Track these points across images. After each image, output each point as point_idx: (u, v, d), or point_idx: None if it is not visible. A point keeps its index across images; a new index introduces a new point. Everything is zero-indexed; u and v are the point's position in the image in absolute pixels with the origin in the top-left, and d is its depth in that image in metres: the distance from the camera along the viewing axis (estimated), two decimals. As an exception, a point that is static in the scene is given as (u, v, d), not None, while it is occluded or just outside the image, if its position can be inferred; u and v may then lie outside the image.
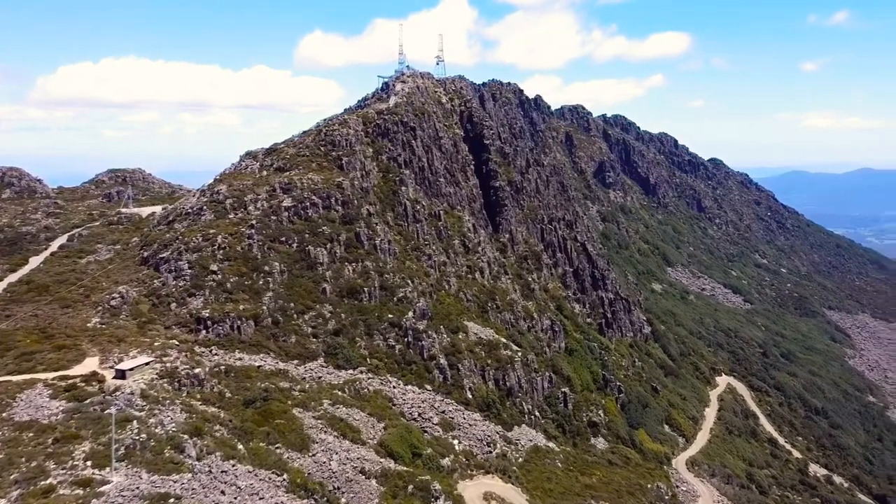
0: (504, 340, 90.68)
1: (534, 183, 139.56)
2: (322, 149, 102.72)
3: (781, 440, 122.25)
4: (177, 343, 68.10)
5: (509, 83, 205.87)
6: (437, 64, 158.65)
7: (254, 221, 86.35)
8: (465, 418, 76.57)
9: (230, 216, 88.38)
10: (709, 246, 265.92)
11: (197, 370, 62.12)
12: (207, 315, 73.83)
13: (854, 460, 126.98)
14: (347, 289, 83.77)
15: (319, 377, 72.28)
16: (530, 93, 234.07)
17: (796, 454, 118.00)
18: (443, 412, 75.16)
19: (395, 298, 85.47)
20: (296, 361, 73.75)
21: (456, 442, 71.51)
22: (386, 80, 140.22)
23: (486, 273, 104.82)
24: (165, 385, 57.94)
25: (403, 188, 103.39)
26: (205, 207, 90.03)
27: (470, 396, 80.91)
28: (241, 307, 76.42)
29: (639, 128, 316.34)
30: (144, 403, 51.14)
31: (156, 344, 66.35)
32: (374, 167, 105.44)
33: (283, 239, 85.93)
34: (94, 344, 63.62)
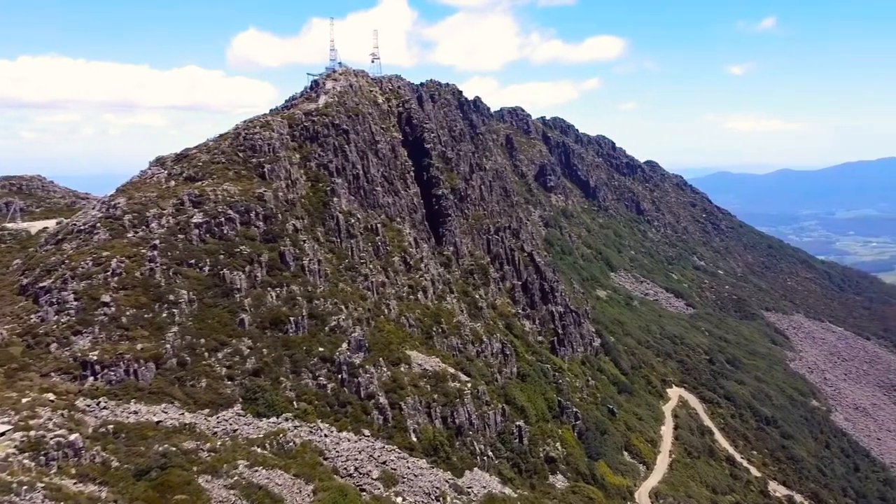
0: (451, 370, 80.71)
1: (478, 190, 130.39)
2: (240, 155, 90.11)
3: (738, 457, 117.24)
4: (52, 398, 54.96)
5: (448, 84, 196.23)
6: (373, 62, 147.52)
7: (157, 241, 73.36)
8: (409, 467, 66.06)
9: (129, 235, 74.99)
10: (649, 249, 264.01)
11: (73, 436, 49.47)
12: (96, 358, 60.87)
13: (809, 473, 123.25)
14: (270, 319, 71.95)
15: (235, 430, 60.38)
16: (469, 94, 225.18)
17: (754, 472, 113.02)
18: (384, 463, 64.49)
19: (326, 328, 74.21)
20: (206, 411, 61.65)
21: (400, 500, 60.98)
22: (315, 77, 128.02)
23: (430, 292, 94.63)
24: (26, 461, 45.29)
25: (335, 199, 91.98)
26: (98, 224, 76.25)
27: (415, 440, 70.58)
28: (140, 346, 63.73)
29: (577, 130, 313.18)
30: (-13, 497, 38.63)
31: (24, 401, 53.12)
32: (302, 175, 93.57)
33: (193, 261, 73.29)
34: (-64, 407, 50.17)
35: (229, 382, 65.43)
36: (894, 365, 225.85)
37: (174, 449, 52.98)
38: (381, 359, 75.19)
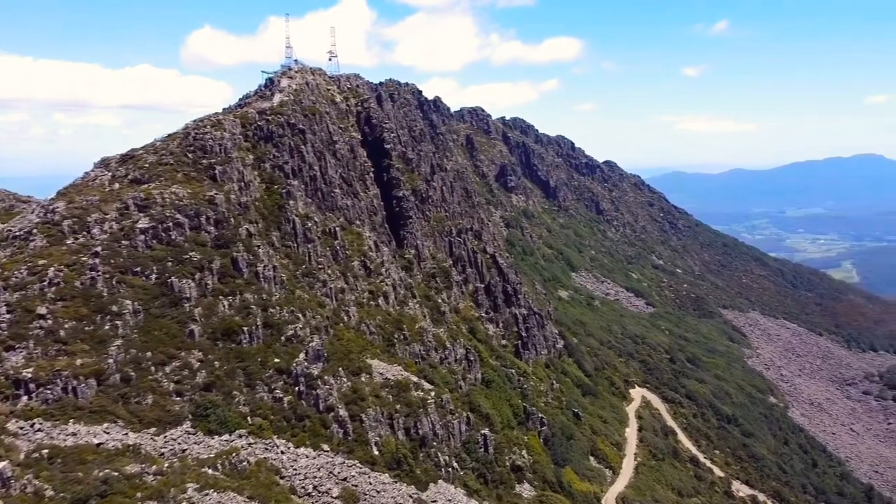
0: (414, 379, 77.95)
1: (439, 191, 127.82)
2: (190, 156, 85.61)
3: (701, 457, 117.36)
4: (-22, 422, 50.52)
5: (407, 83, 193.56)
6: (330, 60, 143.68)
7: (99, 248, 68.74)
8: (371, 483, 63.01)
9: (68, 242, 70.11)
10: (609, 249, 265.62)
11: (2, 464, 45.24)
12: (30, 375, 56.30)
13: (770, 471, 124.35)
14: (222, 329, 68.10)
15: (184, 450, 56.52)
16: (429, 94, 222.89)
17: (718, 472, 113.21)
18: (344, 479, 61.28)
19: (282, 338, 70.67)
20: (152, 430, 57.58)
21: (362, 519, 58.11)
22: (270, 75, 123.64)
23: (392, 298, 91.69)
24: (-54, 497, 41.04)
25: (291, 202, 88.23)
26: (35, 231, 71.15)
27: (376, 453, 67.62)
28: (79, 362, 59.28)
29: (537, 130, 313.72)
30: None
31: (-53, 427, 48.65)
32: (256, 177, 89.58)
33: (138, 269, 68.91)
34: None
35: (178, 398, 61.45)
36: (846, 360, 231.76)
37: (116, 474, 48.99)
38: (340, 369, 72.08)
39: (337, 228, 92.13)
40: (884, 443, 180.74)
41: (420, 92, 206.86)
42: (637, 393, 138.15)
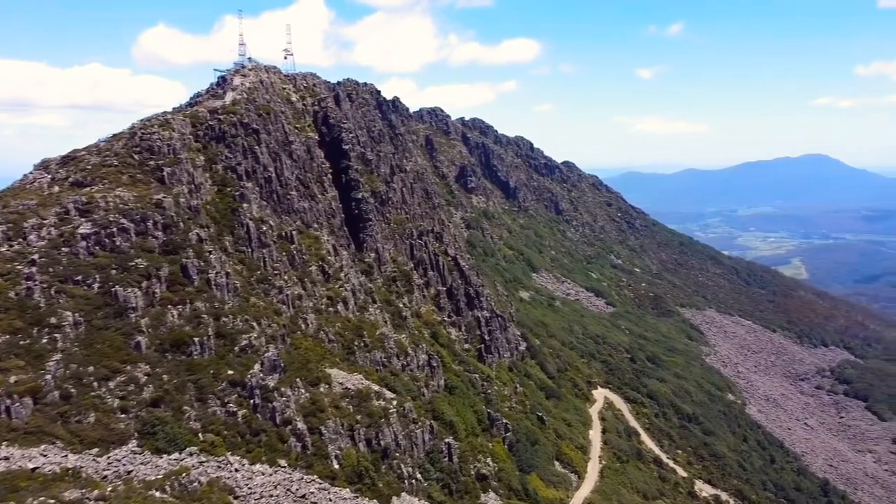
0: (375, 387, 75.32)
1: (399, 192, 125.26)
2: (136, 157, 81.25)
3: (664, 457, 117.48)
4: None
5: (365, 83, 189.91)
6: (286, 58, 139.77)
7: (36, 256, 64.30)
8: (331, 499, 60.17)
9: (2, 249, 65.35)
10: (569, 249, 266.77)
11: (-78, 497, 41.24)
12: (-42, 395, 52.03)
13: (731, 469, 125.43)
14: (171, 340, 64.41)
15: (129, 472, 52.83)
16: (387, 95, 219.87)
17: (681, 472, 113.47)
18: (303, 496, 58.37)
19: (236, 348, 67.31)
20: (95, 451, 53.71)
21: (322, 538, 55.40)
22: (223, 73, 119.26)
23: (351, 303, 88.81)
24: None
25: (245, 205, 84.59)
26: (-35, 238, 66.22)
27: (337, 467, 64.82)
28: (14, 379, 55.01)
29: (496, 131, 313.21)
30: None
31: None
32: (207, 179, 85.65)
33: (79, 278, 64.66)
34: None
35: (123, 416, 57.65)
36: (799, 355, 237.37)
37: (53, 501, 45.30)
38: (298, 379, 69.01)
39: (293, 232, 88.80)
40: (836, 436, 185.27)
41: (379, 92, 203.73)
42: (600, 394, 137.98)
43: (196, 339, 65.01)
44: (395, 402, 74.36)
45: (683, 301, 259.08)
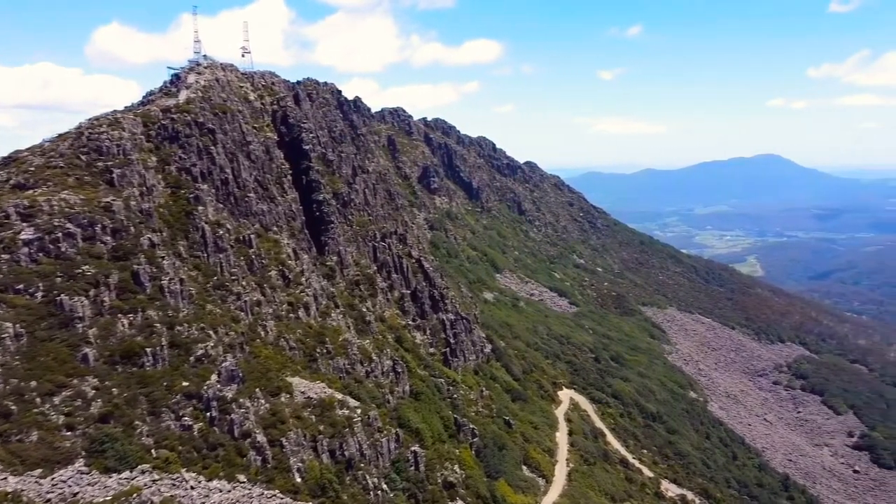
0: (339, 396, 72.95)
1: (362, 193, 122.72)
2: (83, 158, 77.25)
3: (630, 458, 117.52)
4: None
5: (326, 83, 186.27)
6: (243, 56, 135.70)
7: (-28, 264, 60.31)
8: (294, 514, 58.00)
9: (-65, 257, 61.22)
10: (532, 249, 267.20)
11: None
12: None
13: (696, 468, 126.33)
14: (121, 352, 61.10)
15: (75, 493, 49.66)
16: (349, 95, 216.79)
17: (647, 472, 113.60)
18: (263, 513, 56.01)
19: (191, 358, 64.29)
20: (38, 472, 50.33)
21: (284, 557, 53.00)
22: (177, 71, 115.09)
23: (313, 309, 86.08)
24: None
25: (200, 208, 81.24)
26: None
27: (299, 480, 62.35)
28: (-53, 397, 51.31)
29: (459, 131, 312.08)
30: None
31: None
32: (160, 181, 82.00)
33: (21, 287, 60.84)
34: None
35: (69, 433, 54.29)
36: (757, 352, 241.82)
37: (-11, 530, 42.13)
38: (257, 390, 66.25)
39: (252, 236, 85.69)
40: (794, 431, 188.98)
41: (340, 92, 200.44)
42: (565, 395, 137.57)
43: (148, 350, 61.83)
44: (359, 411, 72.11)
45: (645, 300, 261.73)
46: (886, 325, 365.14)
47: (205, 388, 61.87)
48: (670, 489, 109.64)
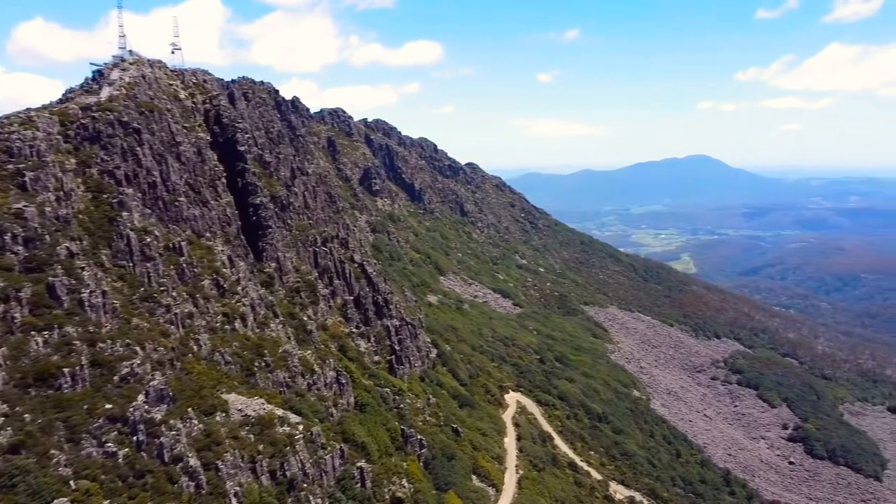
0: (279, 412, 68.84)
1: (301, 196, 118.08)
2: (-9, 160, 70.51)
3: (578, 460, 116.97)
4: None
5: (262, 82, 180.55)
6: (173, 53, 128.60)
7: None
8: (231, 544, 53.88)
9: None
10: (475, 250, 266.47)
11: None
12: None
13: (642, 468, 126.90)
14: (35, 373, 55.40)
15: (-20, 537, 44.39)
16: (287, 96, 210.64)
17: (595, 475, 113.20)
18: (197, 545, 51.74)
19: (115, 378, 59.06)
20: (-64, 514, 44.87)
21: (220, 593, 48.84)
22: (99, 67, 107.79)
23: (250, 319, 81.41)
24: None
25: (125, 213, 75.47)
26: None
27: (237, 505, 58.12)
28: None
29: (400, 132, 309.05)
30: None
31: None
32: (79, 185, 75.78)
33: (-84, 304, 54.53)
34: None
35: (-27, 468, 48.58)
36: (695, 348, 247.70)
37: None
38: (190, 409, 61.51)
39: (182, 243, 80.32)
40: (732, 425, 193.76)
41: (277, 91, 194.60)
42: (512, 398, 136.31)
43: (66, 370, 56.30)
44: (301, 427, 68.21)
45: (587, 299, 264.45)
46: (812, 318, 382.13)
47: (130, 409, 56.80)
48: (619, 491, 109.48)
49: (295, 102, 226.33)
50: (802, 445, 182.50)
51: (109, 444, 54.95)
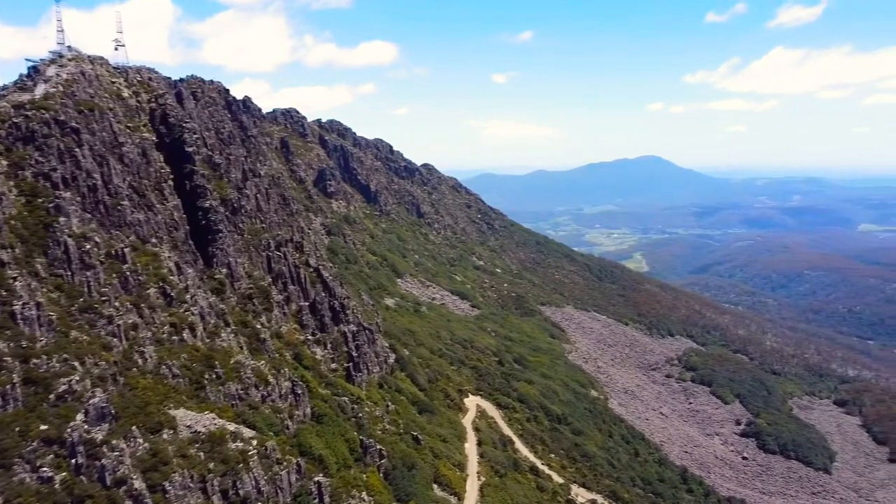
0: (231, 427, 65.41)
1: (253, 199, 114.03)
2: (-89, 162, 65.20)
3: (539, 464, 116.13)
4: None
5: (212, 81, 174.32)
6: (116, 49, 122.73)
7: None
8: (180, 571, 50.54)
9: None
10: (432, 252, 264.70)
11: None
12: None
13: (602, 469, 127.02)
14: (-40, 394, 51.06)
15: None
16: (238, 95, 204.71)
17: (557, 478, 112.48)
18: (143, 575, 48.26)
19: (51, 396, 54.89)
20: None
21: None
22: (35, 63, 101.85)
23: (200, 329, 77.48)
24: None
25: (62, 219, 70.78)
26: None
27: (186, 529, 54.69)
28: None
29: (355, 133, 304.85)
30: None
31: None
32: (11, 189, 70.71)
33: None
34: None
35: None
36: (649, 346, 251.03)
37: None
38: (134, 427, 57.66)
39: (126, 249, 75.92)
40: (687, 422, 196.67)
41: (227, 91, 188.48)
42: (472, 402, 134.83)
43: (-5, 390, 52.04)
44: (254, 442, 64.92)
45: (543, 299, 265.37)
46: (760, 314, 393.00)
47: (68, 430, 52.79)
48: (580, 494, 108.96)
49: (247, 102, 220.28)
50: (755, 440, 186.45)
51: (45, 469, 50.86)
